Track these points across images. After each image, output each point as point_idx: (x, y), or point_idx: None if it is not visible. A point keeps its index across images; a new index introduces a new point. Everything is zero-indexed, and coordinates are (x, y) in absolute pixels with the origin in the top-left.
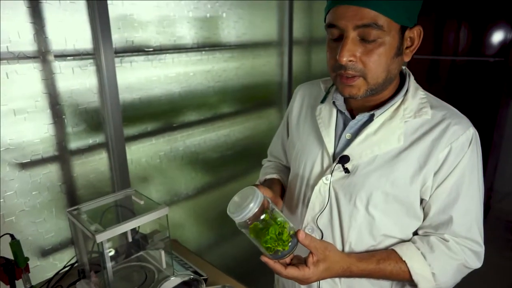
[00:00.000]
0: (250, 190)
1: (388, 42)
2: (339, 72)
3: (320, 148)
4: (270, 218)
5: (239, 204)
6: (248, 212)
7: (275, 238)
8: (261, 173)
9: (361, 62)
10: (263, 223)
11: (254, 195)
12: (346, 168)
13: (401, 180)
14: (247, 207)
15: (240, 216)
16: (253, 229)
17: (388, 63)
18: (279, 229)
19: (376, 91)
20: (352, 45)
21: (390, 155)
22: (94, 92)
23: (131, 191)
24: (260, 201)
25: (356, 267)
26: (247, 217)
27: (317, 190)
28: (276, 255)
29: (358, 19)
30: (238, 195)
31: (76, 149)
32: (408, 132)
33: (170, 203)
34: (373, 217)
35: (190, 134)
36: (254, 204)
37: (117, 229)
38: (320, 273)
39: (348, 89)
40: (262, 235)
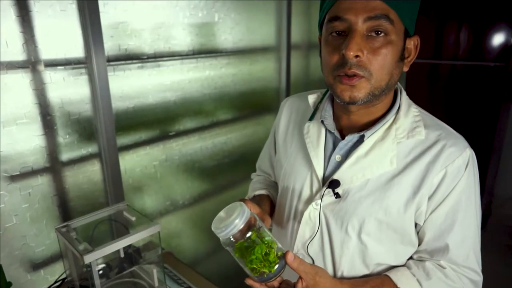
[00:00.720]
0: (236, 205)
1: (395, 42)
2: (340, 71)
3: (309, 170)
4: (257, 236)
5: (224, 220)
6: (233, 228)
7: (261, 259)
8: (250, 189)
9: (367, 60)
10: (249, 241)
11: (241, 211)
12: (337, 193)
13: (394, 207)
14: (232, 223)
15: (224, 232)
16: (238, 248)
17: (392, 66)
18: (266, 249)
19: (377, 97)
20: (360, 39)
21: (382, 179)
22: (86, 101)
23: (123, 205)
24: (247, 217)
25: None
26: (232, 233)
27: (307, 215)
28: (262, 277)
29: (369, 10)
30: (224, 211)
31: (68, 160)
32: (401, 155)
33: (165, 212)
34: (365, 245)
35: (186, 143)
36: (240, 220)
37: (106, 249)
38: None
39: (348, 91)
40: (248, 255)
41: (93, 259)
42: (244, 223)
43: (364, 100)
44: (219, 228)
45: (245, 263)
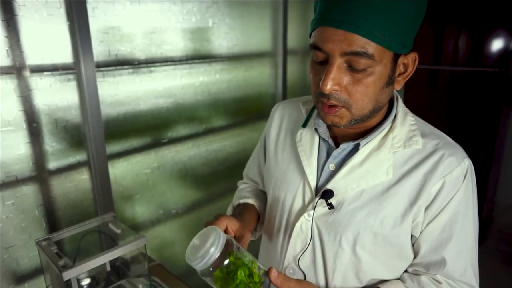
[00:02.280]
0: (210, 231)
1: (378, 72)
2: (321, 99)
3: (301, 180)
4: (236, 259)
5: (199, 249)
6: (210, 257)
7: (246, 281)
8: (235, 196)
9: (346, 92)
10: (229, 267)
11: (215, 237)
12: (330, 204)
13: (391, 219)
14: (207, 252)
15: (200, 263)
16: (218, 277)
17: (376, 94)
18: (248, 270)
19: (362, 121)
20: (337, 73)
21: (378, 190)
22: (74, 108)
23: (109, 217)
24: (223, 243)
25: None
26: (209, 263)
27: (299, 227)
28: None
29: (346, 45)
30: (197, 237)
31: (55, 169)
32: (397, 164)
33: (157, 222)
34: (360, 259)
35: (179, 150)
36: (216, 247)
37: (87, 264)
38: None
39: (330, 117)
40: (230, 281)
41: (73, 275)
42: (221, 250)
43: (347, 126)
44: (195, 259)
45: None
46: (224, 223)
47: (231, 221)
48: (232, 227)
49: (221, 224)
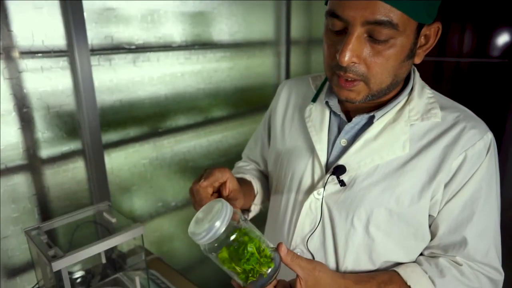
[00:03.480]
0: (215, 204)
1: (400, 44)
2: (337, 72)
3: (310, 157)
4: (245, 233)
5: (203, 222)
6: (215, 231)
7: (257, 256)
8: (233, 172)
9: (365, 65)
10: (236, 242)
11: (222, 210)
12: (342, 181)
13: (407, 196)
14: (212, 226)
15: (205, 237)
16: (224, 252)
17: (396, 67)
18: (258, 243)
19: (378, 96)
20: (357, 44)
21: (394, 165)
22: (67, 93)
23: (104, 206)
24: (229, 216)
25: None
26: (215, 237)
27: (307, 206)
28: (260, 280)
29: (369, 13)
30: (202, 211)
31: (47, 158)
32: (414, 138)
33: (156, 215)
34: (373, 239)
35: (179, 140)
36: (222, 221)
37: (78, 254)
38: None
39: (345, 92)
40: (239, 256)
41: (63, 266)
42: (227, 223)
43: (362, 101)
44: (198, 233)
45: (236, 269)
46: (226, 175)
47: (232, 179)
48: (230, 185)
49: (223, 175)
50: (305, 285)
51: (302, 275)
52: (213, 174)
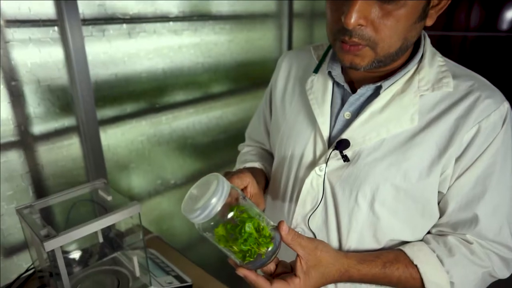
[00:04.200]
0: (211, 179)
1: (411, 3)
2: (341, 38)
3: (312, 131)
4: (243, 212)
5: (198, 200)
6: (211, 209)
7: (256, 236)
8: (238, 161)
9: (373, 28)
10: (234, 220)
11: (218, 186)
12: (345, 156)
13: (415, 171)
14: (208, 203)
15: (200, 216)
16: (221, 231)
17: (406, 30)
18: (257, 223)
19: (385, 62)
20: (364, 4)
21: (401, 138)
22: (59, 66)
23: (100, 183)
24: (226, 193)
25: (357, 270)
26: (210, 216)
27: (309, 183)
28: (258, 260)
29: None
30: (196, 187)
31: (40, 134)
32: (424, 109)
33: (155, 193)
34: (378, 217)
35: (177, 116)
36: (219, 198)
37: (74, 233)
38: (314, 283)
39: (349, 57)
40: (236, 236)
41: (56, 246)
42: (224, 200)
43: (367, 68)
44: (193, 211)
45: (233, 248)
46: (247, 180)
47: (253, 183)
48: (252, 190)
49: (243, 181)
50: (306, 266)
51: (303, 255)
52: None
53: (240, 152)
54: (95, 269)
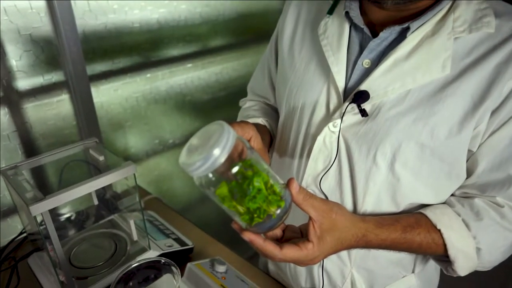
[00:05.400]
0: (214, 127)
1: None
2: None
3: (325, 82)
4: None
5: (198, 150)
6: (214, 161)
7: (265, 193)
8: (240, 117)
9: None
10: (240, 175)
11: (222, 134)
12: (364, 110)
13: (444, 127)
14: (210, 154)
15: (201, 168)
16: (225, 189)
17: None
18: (267, 177)
19: None
20: None
21: (429, 89)
22: (40, 13)
23: (91, 142)
24: (232, 142)
25: (375, 235)
26: (213, 168)
27: (321, 140)
28: (267, 222)
29: None
30: (197, 136)
31: (25, 90)
32: (458, 55)
33: (153, 153)
34: (398, 178)
35: (174, 72)
36: (223, 148)
37: (62, 196)
38: (328, 248)
39: None
40: (242, 193)
41: (44, 209)
42: (229, 151)
43: (396, 1)
44: (192, 162)
45: (238, 208)
46: (250, 133)
47: (257, 137)
48: (255, 144)
49: (246, 132)
50: (320, 229)
51: (316, 217)
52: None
53: (242, 108)
54: (92, 232)
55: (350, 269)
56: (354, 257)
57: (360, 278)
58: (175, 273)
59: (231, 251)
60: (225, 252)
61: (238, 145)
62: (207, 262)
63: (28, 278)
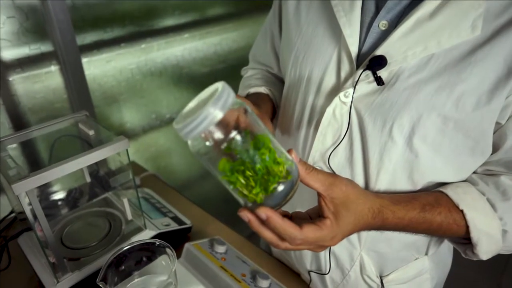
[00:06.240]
0: (213, 87)
1: None
2: None
3: (336, 46)
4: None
5: (194, 111)
6: (210, 119)
7: (271, 167)
8: (241, 86)
9: None
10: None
11: (221, 92)
12: (379, 78)
13: (472, 97)
14: (204, 111)
15: (196, 129)
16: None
17: None
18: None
19: None
20: None
21: (456, 54)
22: None
23: (81, 116)
24: (231, 101)
25: (391, 212)
26: (207, 126)
27: (330, 112)
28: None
29: None
30: (194, 100)
31: (11, 60)
32: (491, 13)
33: (149, 128)
34: (416, 154)
35: (170, 42)
36: (222, 106)
37: (47, 174)
38: (347, 224)
39: None
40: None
41: (28, 188)
42: (226, 110)
43: None
44: (185, 122)
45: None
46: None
47: (249, 104)
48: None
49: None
50: (333, 204)
51: (324, 192)
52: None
53: (243, 77)
54: (85, 211)
55: (360, 252)
56: (364, 239)
57: (369, 261)
58: (171, 255)
59: (231, 230)
60: (225, 231)
61: (237, 111)
62: (206, 242)
63: (20, 259)
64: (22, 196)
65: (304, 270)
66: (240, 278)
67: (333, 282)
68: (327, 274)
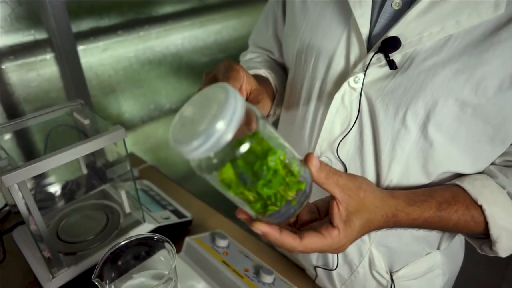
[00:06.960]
0: (217, 92)
1: None
2: None
3: (345, 28)
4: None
5: (194, 123)
6: (219, 138)
7: (282, 173)
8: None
9: None
10: (250, 154)
11: (228, 101)
12: (392, 61)
13: (494, 80)
14: (212, 130)
15: (201, 148)
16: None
17: None
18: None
19: None
20: None
21: (477, 34)
22: None
23: (76, 105)
24: (241, 112)
25: (406, 214)
26: (217, 147)
27: (339, 99)
28: (285, 211)
29: None
30: (191, 103)
31: (3, 47)
32: None
33: (148, 119)
34: (431, 143)
35: (169, 30)
36: (230, 120)
37: (38, 165)
38: (356, 233)
39: None
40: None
41: (18, 180)
42: (238, 126)
43: None
44: (188, 141)
45: (248, 195)
46: (241, 75)
47: (249, 77)
48: (248, 85)
49: (237, 79)
50: (346, 212)
51: (342, 198)
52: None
53: (241, 61)
54: (81, 204)
55: (369, 247)
56: (373, 234)
57: (379, 256)
58: (170, 250)
59: (233, 223)
60: (227, 224)
61: (249, 114)
62: (207, 236)
63: (15, 253)
64: (14, 188)
65: (310, 266)
66: (243, 273)
67: (340, 278)
68: (334, 269)
